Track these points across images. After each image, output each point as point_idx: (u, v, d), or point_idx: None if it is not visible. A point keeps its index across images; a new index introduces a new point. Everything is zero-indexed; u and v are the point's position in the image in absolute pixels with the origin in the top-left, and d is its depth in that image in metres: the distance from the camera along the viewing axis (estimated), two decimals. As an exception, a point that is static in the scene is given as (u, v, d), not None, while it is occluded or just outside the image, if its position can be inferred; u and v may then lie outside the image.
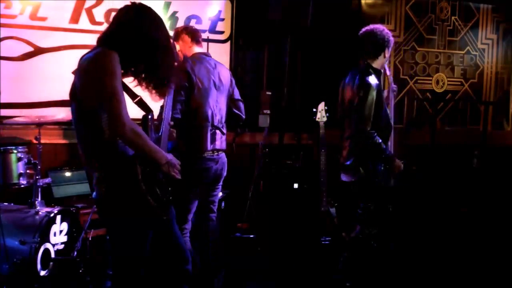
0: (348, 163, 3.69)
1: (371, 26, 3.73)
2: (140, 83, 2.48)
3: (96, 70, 2.28)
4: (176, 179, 2.51)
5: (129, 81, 2.49)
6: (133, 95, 2.48)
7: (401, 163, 3.67)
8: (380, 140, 3.55)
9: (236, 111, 3.81)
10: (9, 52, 4.40)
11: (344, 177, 3.77)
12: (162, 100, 2.69)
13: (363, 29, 3.73)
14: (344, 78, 3.82)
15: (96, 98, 2.28)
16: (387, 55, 3.72)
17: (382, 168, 3.64)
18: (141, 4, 2.49)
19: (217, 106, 3.61)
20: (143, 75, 2.46)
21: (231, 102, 3.79)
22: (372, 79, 3.60)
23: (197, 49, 3.68)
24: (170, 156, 2.47)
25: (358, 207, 3.70)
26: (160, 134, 2.59)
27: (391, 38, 3.72)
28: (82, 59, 2.38)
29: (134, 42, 2.39)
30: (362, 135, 3.55)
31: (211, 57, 3.74)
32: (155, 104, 2.63)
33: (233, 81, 3.83)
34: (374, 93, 3.54)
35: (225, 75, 3.74)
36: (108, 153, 2.35)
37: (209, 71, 3.61)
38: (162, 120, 2.64)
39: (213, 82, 3.60)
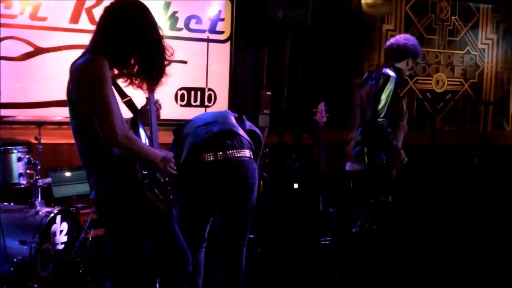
0: (354, 150, 3.85)
1: (407, 35, 3.99)
2: (131, 81, 2.47)
3: (85, 79, 2.28)
4: (173, 173, 2.52)
5: (120, 80, 2.48)
6: (123, 95, 2.48)
7: (405, 158, 3.81)
8: (390, 130, 3.64)
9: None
10: (9, 52, 4.38)
11: (348, 166, 3.91)
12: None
13: (398, 36, 3.94)
14: (361, 83, 3.98)
15: (89, 106, 2.27)
16: (410, 63, 3.87)
17: (385, 161, 3.72)
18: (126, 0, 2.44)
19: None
20: (135, 71, 2.44)
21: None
22: (392, 72, 3.76)
23: None
24: (163, 153, 2.47)
25: (357, 199, 3.79)
26: (150, 134, 2.58)
27: (419, 52, 3.92)
28: (72, 66, 2.36)
29: (126, 40, 2.37)
30: (374, 123, 3.63)
31: None
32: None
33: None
34: (392, 85, 3.65)
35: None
36: (105, 154, 2.34)
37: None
38: (150, 118, 2.60)
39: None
